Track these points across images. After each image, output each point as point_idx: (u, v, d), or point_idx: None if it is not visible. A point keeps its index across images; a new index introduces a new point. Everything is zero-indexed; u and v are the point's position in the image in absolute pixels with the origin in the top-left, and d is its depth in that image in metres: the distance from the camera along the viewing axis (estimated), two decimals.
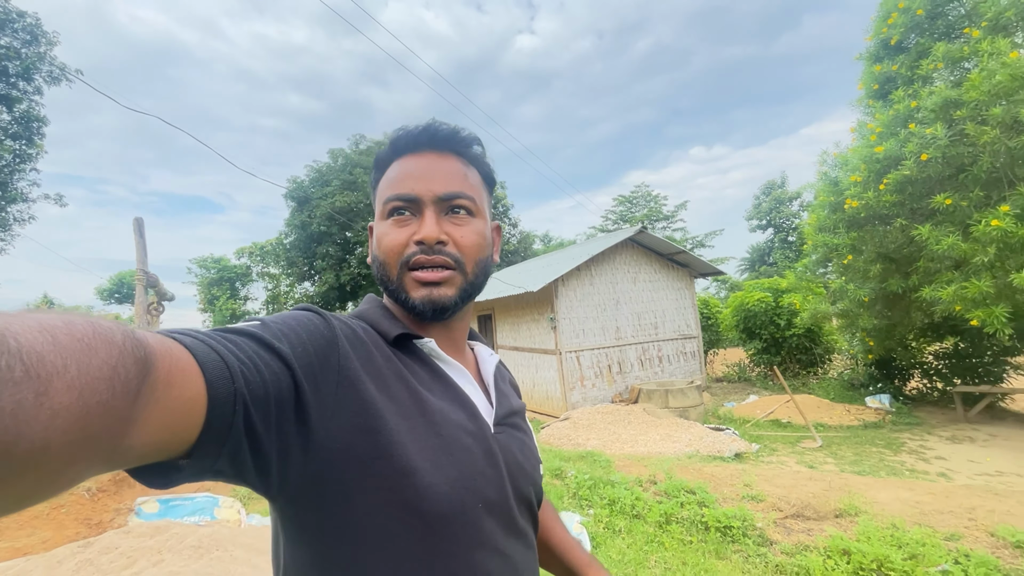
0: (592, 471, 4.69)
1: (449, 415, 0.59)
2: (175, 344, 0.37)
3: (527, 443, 0.72)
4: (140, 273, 5.26)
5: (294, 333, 0.49)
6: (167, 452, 0.36)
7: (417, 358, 0.63)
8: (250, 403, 0.41)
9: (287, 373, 0.45)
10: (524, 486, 0.66)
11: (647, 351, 9.81)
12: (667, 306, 10.34)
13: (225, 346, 0.41)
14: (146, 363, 0.33)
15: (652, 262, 10.40)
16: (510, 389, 0.79)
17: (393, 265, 0.64)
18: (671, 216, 34.09)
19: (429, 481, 0.52)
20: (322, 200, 22.03)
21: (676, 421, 7.51)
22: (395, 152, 0.68)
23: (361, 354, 0.55)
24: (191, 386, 0.36)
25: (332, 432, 0.48)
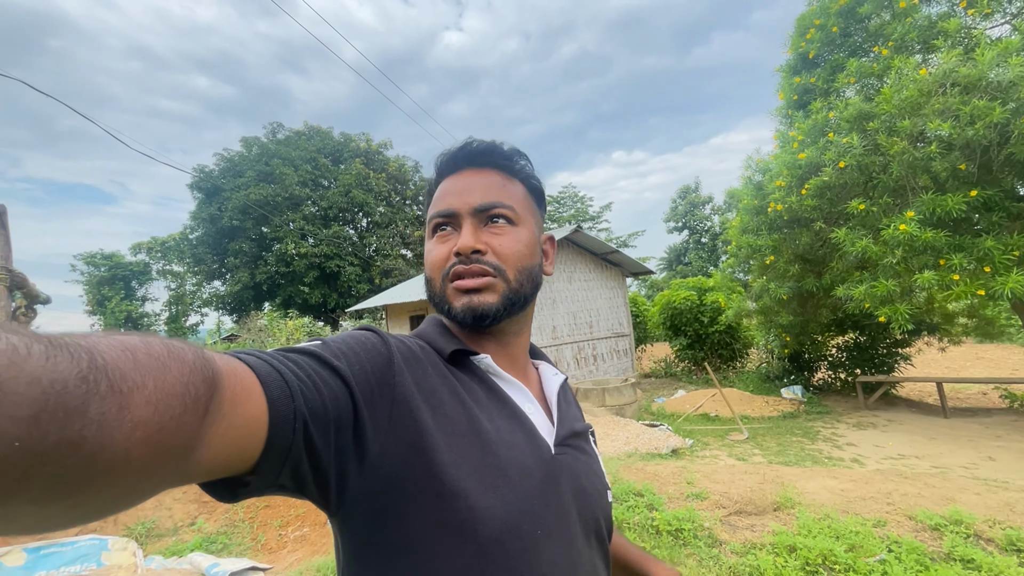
0: None
1: (506, 435, 0.57)
2: (240, 364, 0.39)
3: (592, 466, 0.68)
4: (3, 272, 4.33)
5: (353, 352, 0.50)
6: (233, 468, 0.38)
7: (474, 375, 0.62)
8: (310, 421, 0.42)
9: (345, 391, 0.46)
10: (589, 511, 0.63)
11: (583, 350, 9.88)
12: (601, 305, 10.49)
13: (286, 365, 0.43)
14: (214, 382, 0.34)
15: (587, 262, 10.50)
16: (575, 410, 0.76)
17: (437, 279, 0.65)
18: (597, 216, 35.22)
19: (483, 504, 0.51)
20: (235, 192, 20.27)
21: (613, 419, 7.57)
22: (439, 176, 0.70)
23: (417, 373, 0.55)
24: (254, 404, 0.38)
25: (387, 450, 0.49)
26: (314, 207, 22.11)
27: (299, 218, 21.18)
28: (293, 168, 21.49)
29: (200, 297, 25.20)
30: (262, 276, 20.88)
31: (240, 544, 3.65)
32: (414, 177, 26.58)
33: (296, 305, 21.82)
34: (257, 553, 3.47)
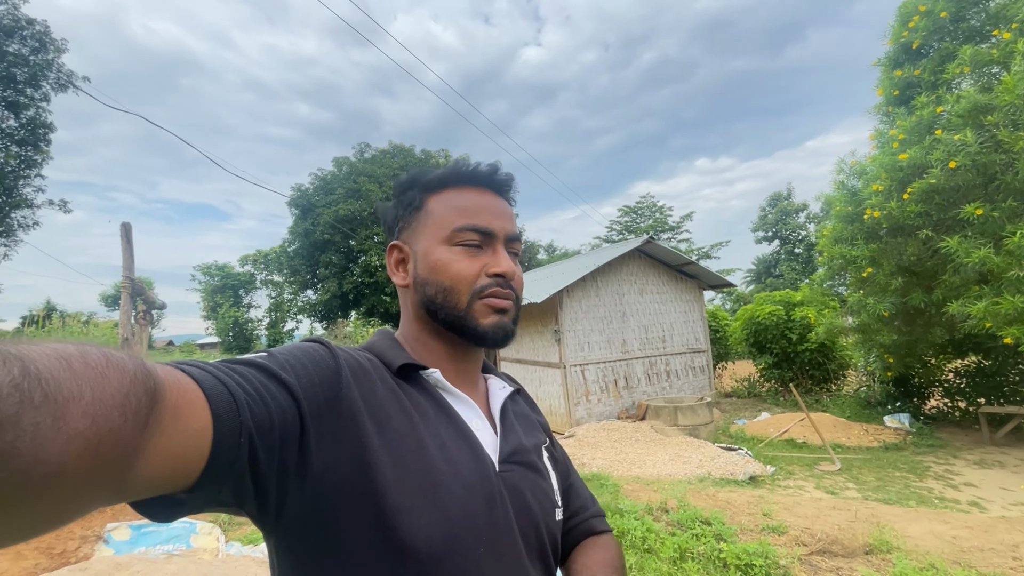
0: (599, 497, 4.37)
1: (451, 452, 0.57)
2: (183, 375, 0.38)
3: (540, 484, 0.66)
4: (125, 281, 5.03)
5: (300, 364, 0.49)
6: (171, 484, 0.36)
7: (422, 389, 0.61)
8: (255, 435, 0.40)
9: (293, 405, 0.45)
10: (533, 529, 0.62)
11: (655, 365, 9.49)
12: (675, 319, 10.03)
13: (232, 378, 0.41)
14: (155, 393, 0.33)
15: (660, 273, 10.11)
16: (528, 423, 0.74)
17: (464, 292, 0.64)
18: (677, 227, 33.86)
19: (425, 521, 0.50)
20: (326, 208, 21.93)
21: (686, 440, 7.18)
22: (456, 180, 0.68)
23: (364, 386, 0.54)
24: (198, 417, 0.37)
25: (330, 465, 0.48)
26: None
27: (382, 232, 22.47)
28: (378, 184, 22.86)
29: (296, 305, 27.41)
30: (348, 286, 22.31)
31: None
32: None
33: (379, 314, 23.05)
34: None
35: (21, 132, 15.49)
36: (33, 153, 15.85)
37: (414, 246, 0.68)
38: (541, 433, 0.76)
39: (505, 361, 10.34)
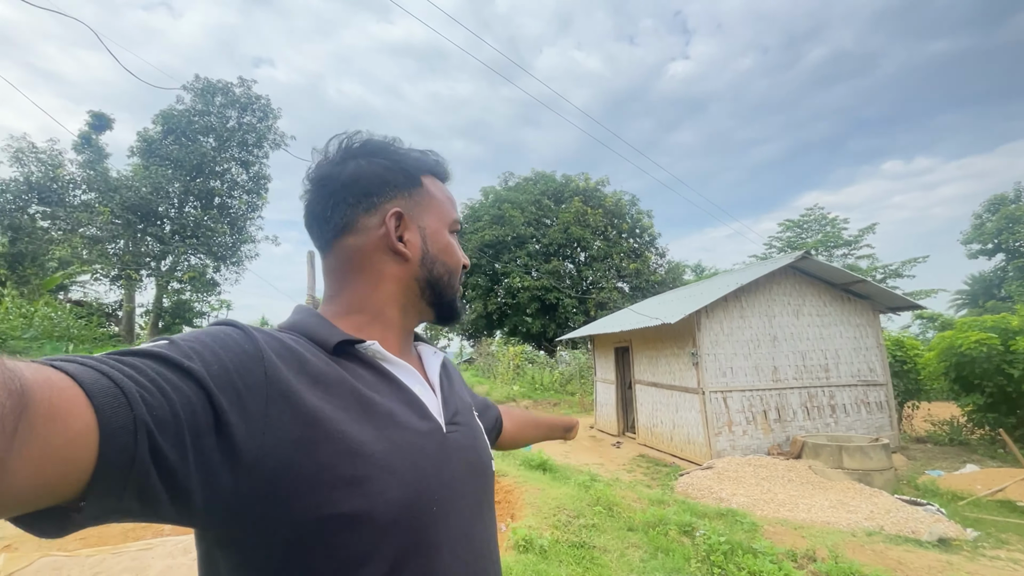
0: (731, 533, 4.02)
1: (399, 416, 0.57)
2: (55, 372, 0.34)
3: (479, 438, 0.71)
4: (309, 299, 6.17)
5: (208, 350, 0.46)
6: (55, 495, 0.33)
7: (361, 363, 0.60)
8: (155, 431, 0.37)
9: (201, 393, 0.42)
10: (481, 482, 0.66)
11: (815, 397, 8.32)
12: (841, 345, 8.71)
13: (120, 370, 0.38)
14: (22, 395, 0.30)
15: (821, 293, 8.92)
16: (459, 385, 0.78)
17: (457, 276, 0.73)
18: (854, 241, 29.25)
19: (380, 488, 0.50)
20: (473, 234, 23.73)
21: (853, 486, 6.15)
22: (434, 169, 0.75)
23: (293, 365, 0.52)
24: (77, 418, 0.33)
25: (267, 450, 0.45)
26: (537, 244, 24.24)
27: (524, 255, 23.49)
28: (520, 210, 24.10)
29: None
30: (493, 307, 23.68)
31: None
32: (630, 211, 26.77)
33: (520, 333, 23.99)
34: None
35: (249, 183, 19.77)
36: (256, 199, 20.07)
37: (419, 221, 0.69)
38: (466, 390, 0.81)
39: (640, 384, 10.00)
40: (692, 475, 6.82)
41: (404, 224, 0.67)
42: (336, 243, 0.67)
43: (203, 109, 18.34)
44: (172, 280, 17.95)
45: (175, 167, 17.42)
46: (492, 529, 0.68)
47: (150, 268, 17.61)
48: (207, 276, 18.96)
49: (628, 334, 10.17)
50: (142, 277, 17.56)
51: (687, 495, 6.01)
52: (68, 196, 16.28)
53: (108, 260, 16.72)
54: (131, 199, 16.12)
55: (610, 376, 11.58)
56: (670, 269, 27.36)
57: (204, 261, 18.78)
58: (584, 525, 3.91)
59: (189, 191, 17.69)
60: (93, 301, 19.51)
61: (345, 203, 0.65)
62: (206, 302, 20.28)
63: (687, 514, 4.38)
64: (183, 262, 18.13)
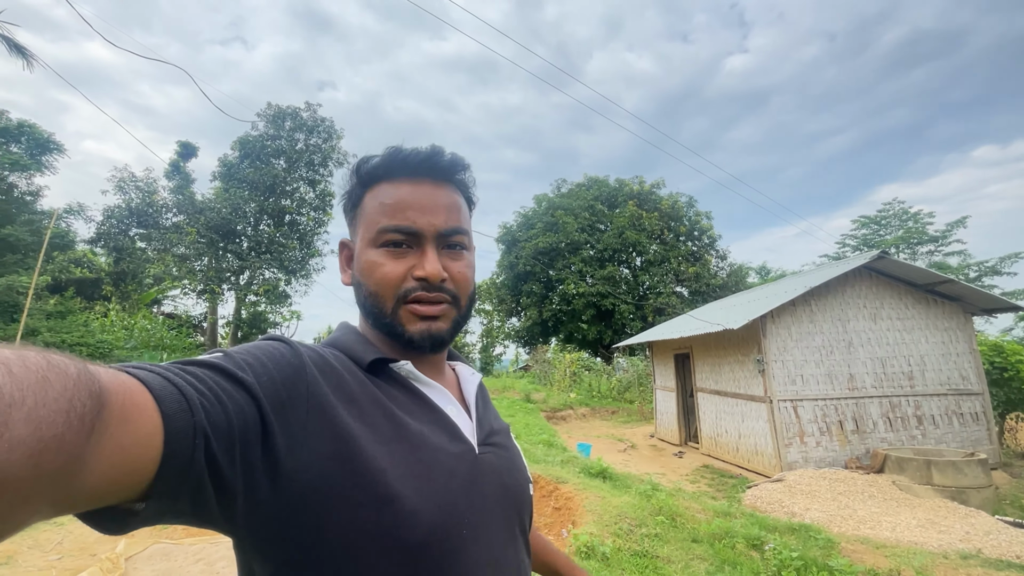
0: (804, 549, 3.84)
1: (430, 438, 0.57)
2: (128, 378, 0.36)
3: (515, 461, 0.69)
4: None
5: (259, 362, 0.48)
6: (122, 494, 0.35)
7: (395, 382, 0.61)
8: (212, 436, 0.39)
9: (252, 403, 0.44)
10: (513, 507, 0.64)
11: (897, 407, 7.73)
12: (927, 351, 8.05)
13: (183, 378, 0.40)
14: (100, 397, 0.32)
15: (902, 295, 8.30)
16: (492, 408, 0.76)
17: (388, 298, 0.62)
18: (941, 237, 26.74)
19: (410, 508, 0.50)
20: (527, 242, 23.92)
21: (945, 504, 5.67)
22: (388, 173, 0.65)
23: (332, 381, 0.53)
24: (147, 421, 0.35)
25: (303, 462, 0.47)
26: (591, 250, 24.04)
27: (578, 261, 23.37)
28: (573, 216, 24.03)
29: (503, 331, 30.19)
30: (548, 314, 23.69)
31: None
32: (688, 213, 26.02)
33: (576, 340, 23.83)
34: None
35: (316, 201, 21.01)
36: (322, 215, 21.29)
37: (355, 245, 0.68)
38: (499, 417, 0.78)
39: (702, 392, 9.68)
40: (761, 487, 6.53)
41: (349, 250, 0.69)
42: None
43: (274, 134, 19.76)
44: (249, 293, 19.37)
45: (251, 188, 18.83)
46: (524, 554, 0.66)
47: (230, 282, 19.10)
48: (280, 289, 20.32)
49: (688, 340, 9.89)
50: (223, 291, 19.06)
51: (755, 508, 5.77)
52: (161, 219, 18.00)
53: (194, 276, 18.30)
54: (213, 219, 17.59)
55: (670, 384, 11.28)
56: (732, 272, 26.25)
57: (277, 275, 20.12)
58: (647, 534, 3.87)
59: (263, 210, 19.04)
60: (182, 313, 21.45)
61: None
62: (279, 313, 21.69)
63: (756, 527, 4.23)
64: (258, 276, 19.51)
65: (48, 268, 13.83)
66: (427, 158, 0.65)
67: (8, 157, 13.96)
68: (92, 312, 16.61)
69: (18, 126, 14.39)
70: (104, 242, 17.46)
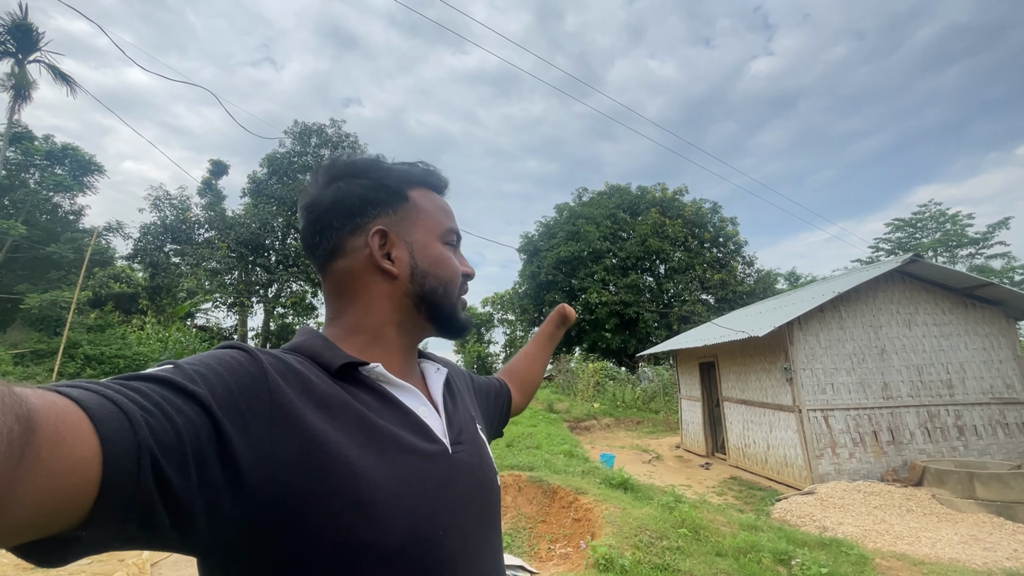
0: (835, 565, 3.69)
1: (403, 440, 0.56)
2: (60, 398, 0.34)
3: (484, 455, 0.69)
4: None
5: (213, 373, 0.46)
6: (58, 523, 0.33)
7: (365, 386, 0.59)
8: (159, 455, 0.37)
9: (205, 416, 0.42)
10: (486, 499, 0.65)
11: (936, 417, 7.39)
12: (967, 358, 7.69)
13: (124, 395, 0.38)
14: (29, 421, 0.30)
15: (938, 300, 7.97)
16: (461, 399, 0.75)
17: (456, 288, 0.71)
18: (982, 239, 25.66)
19: (385, 514, 0.49)
20: (549, 252, 23.89)
21: (989, 519, 5.38)
22: (425, 181, 0.73)
23: (297, 387, 0.52)
24: (82, 443, 0.33)
25: (270, 473, 0.45)
26: (614, 259, 23.85)
27: (601, 269, 23.19)
28: (595, 225, 23.91)
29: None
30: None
31: (519, 547, 4.30)
32: (712, 219, 25.60)
33: (599, 350, 23.58)
34: (530, 559, 4.03)
35: None
36: None
37: (406, 236, 0.68)
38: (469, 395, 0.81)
39: (729, 402, 9.44)
40: (791, 500, 6.31)
41: (390, 241, 0.66)
42: (329, 267, 0.67)
43: (300, 150, 20.37)
44: (277, 306, 19.90)
45: (278, 204, 19.41)
46: (498, 548, 0.67)
47: (259, 295, 19.66)
48: (306, 301, 20.79)
49: (713, 348, 9.68)
50: (252, 304, 19.63)
51: (784, 521, 5.57)
52: (194, 234, 18.70)
53: (225, 289, 18.90)
54: (243, 234, 18.18)
55: (695, 393, 11.04)
56: (760, 278, 25.64)
57: (304, 287, 20.60)
58: (668, 547, 3.78)
59: (290, 225, 19.58)
60: (214, 326, 22.11)
61: (331, 227, 0.65)
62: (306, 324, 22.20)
63: (783, 541, 4.08)
64: (286, 289, 20.02)
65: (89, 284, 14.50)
66: (446, 181, 0.76)
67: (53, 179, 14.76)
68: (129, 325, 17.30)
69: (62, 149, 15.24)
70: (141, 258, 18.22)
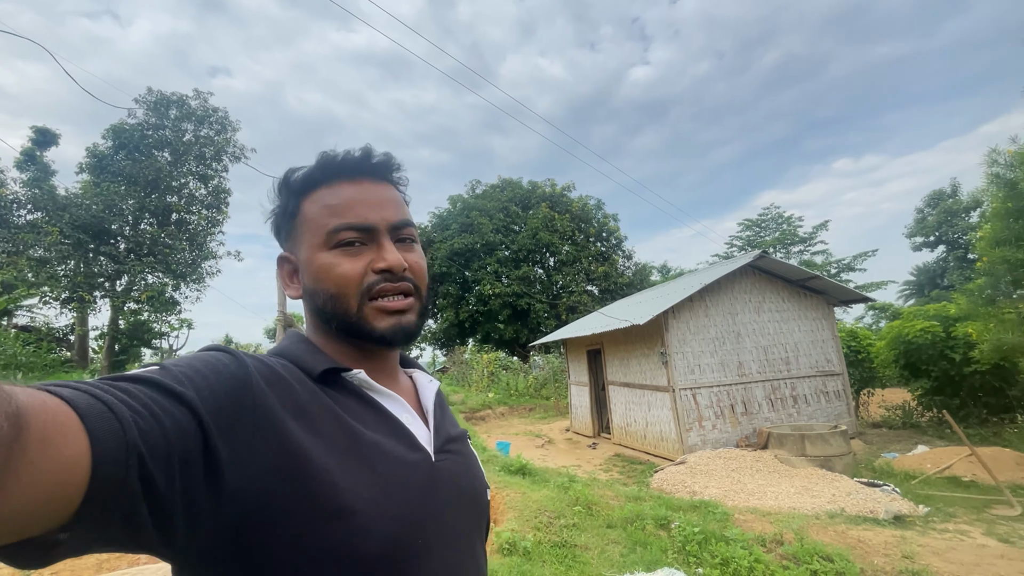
0: (704, 524, 4.20)
1: (385, 447, 0.55)
2: (49, 397, 0.33)
3: (471, 467, 0.68)
4: (280, 315, 6.10)
5: (200, 375, 0.45)
6: (43, 523, 0.32)
7: (348, 392, 0.59)
8: (147, 456, 0.36)
9: (192, 419, 0.42)
10: (471, 512, 0.64)
11: (778, 390, 8.71)
12: (800, 338, 9.15)
13: (114, 395, 0.37)
14: (18, 419, 0.29)
15: (779, 290, 9.35)
16: (449, 414, 0.75)
17: (351, 296, 0.61)
18: (809, 238, 30.66)
19: (363, 521, 0.49)
20: (442, 243, 23.69)
21: (816, 472, 6.48)
22: (325, 177, 0.64)
23: (281, 393, 0.51)
24: (72, 443, 0.32)
25: (249, 479, 0.45)
26: (506, 251, 24.39)
27: (494, 261, 23.60)
28: (488, 218, 24.22)
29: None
30: (464, 315, 23.64)
31: None
32: (597, 215, 27.27)
33: (493, 340, 24.02)
34: None
35: (208, 198, 19.21)
36: (217, 214, 19.51)
37: (298, 255, 0.65)
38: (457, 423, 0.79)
39: (613, 385, 10.22)
40: (666, 471, 7.03)
41: (290, 263, 0.67)
42: None
43: (157, 123, 17.72)
44: (128, 300, 17.20)
45: (128, 183, 16.76)
46: (482, 560, 0.66)
47: (104, 289, 16.85)
48: (166, 295, 18.25)
49: (599, 337, 10.39)
50: (95, 299, 16.77)
51: (662, 490, 6.20)
52: (12, 216, 15.43)
53: (57, 282, 15.90)
54: (81, 217, 15.42)
55: (583, 379, 11.77)
56: (637, 271, 27.94)
57: (163, 279, 18.07)
58: (565, 525, 4.02)
59: (144, 207, 17.04)
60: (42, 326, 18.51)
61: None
62: (166, 322, 19.55)
63: (663, 508, 4.55)
64: (140, 281, 17.40)
65: None
66: (363, 158, 0.65)
67: None
68: None
69: None
70: None
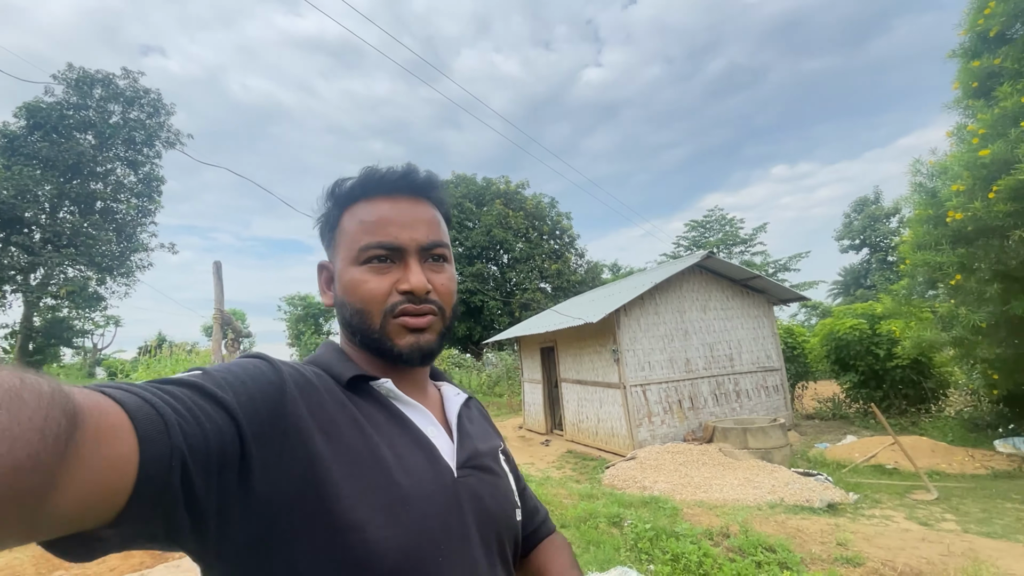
0: (655, 520, 4.27)
1: (407, 461, 0.55)
2: (103, 398, 0.35)
3: (499, 486, 0.66)
4: (217, 313, 5.70)
5: (239, 381, 0.47)
6: (92, 518, 0.33)
7: (374, 400, 0.60)
8: (189, 458, 0.38)
9: (231, 425, 0.43)
10: (493, 533, 0.62)
11: (722, 385, 9.06)
12: (743, 336, 9.56)
13: (161, 398, 0.39)
14: (75, 417, 0.31)
15: (724, 289, 9.73)
16: (482, 429, 0.74)
17: (375, 313, 0.62)
18: (749, 240, 32.29)
19: (381, 535, 0.49)
20: None
21: (757, 464, 6.78)
22: (364, 192, 0.66)
23: (311, 401, 0.52)
24: (122, 442, 0.34)
25: (276, 486, 0.46)
26: (460, 247, 24.16)
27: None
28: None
29: None
30: None
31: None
32: (551, 213, 27.50)
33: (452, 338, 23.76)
34: None
35: (139, 186, 17.83)
36: (148, 203, 18.16)
37: (335, 265, 0.67)
38: (495, 437, 0.75)
39: (566, 382, 10.31)
40: (617, 467, 7.15)
41: (327, 272, 0.70)
42: None
43: (79, 102, 16.23)
44: (45, 296, 15.72)
45: (45, 167, 15.28)
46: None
47: (15, 283, 15.32)
48: (89, 290, 16.80)
49: (553, 334, 10.45)
50: (5, 293, 15.23)
51: (614, 486, 6.29)
52: None
53: None
54: None
55: (537, 376, 11.82)
56: (589, 269, 28.42)
57: (85, 273, 16.65)
58: None
59: (64, 194, 15.60)
60: None
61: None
62: (88, 319, 18.07)
63: (615, 506, 4.59)
64: (58, 275, 15.95)
65: None
66: (404, 175, 0.66)
67: None
68: None
69: None
70: None
